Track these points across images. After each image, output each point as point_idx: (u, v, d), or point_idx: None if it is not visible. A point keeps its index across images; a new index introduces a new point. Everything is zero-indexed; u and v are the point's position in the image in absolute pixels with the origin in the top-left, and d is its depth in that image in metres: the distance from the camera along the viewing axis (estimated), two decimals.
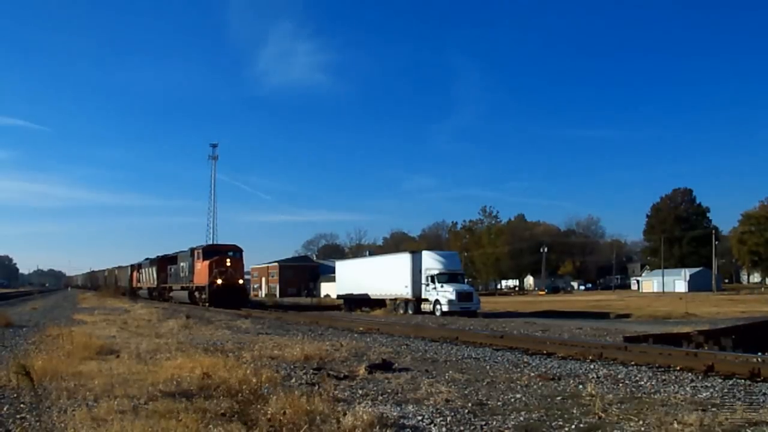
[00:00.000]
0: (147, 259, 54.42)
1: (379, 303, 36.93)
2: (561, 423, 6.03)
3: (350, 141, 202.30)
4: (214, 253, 37.29)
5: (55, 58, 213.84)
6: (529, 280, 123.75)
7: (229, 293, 34.39)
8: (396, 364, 10.14)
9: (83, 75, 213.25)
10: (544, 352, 12.24)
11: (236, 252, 38.38)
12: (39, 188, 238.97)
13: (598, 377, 8.95)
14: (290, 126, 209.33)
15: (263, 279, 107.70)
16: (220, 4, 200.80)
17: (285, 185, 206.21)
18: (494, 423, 6.09)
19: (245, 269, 42.55)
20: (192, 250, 39.93)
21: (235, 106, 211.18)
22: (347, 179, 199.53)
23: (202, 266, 36.74)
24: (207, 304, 34.58)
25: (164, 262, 47.26)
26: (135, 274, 57.93)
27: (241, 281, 37.03)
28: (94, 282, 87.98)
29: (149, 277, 51.06)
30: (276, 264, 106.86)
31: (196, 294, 38.35)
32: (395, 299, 35.43)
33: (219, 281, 34.89)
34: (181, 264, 42.13)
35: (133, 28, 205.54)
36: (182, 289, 41.30)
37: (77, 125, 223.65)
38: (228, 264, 35.69)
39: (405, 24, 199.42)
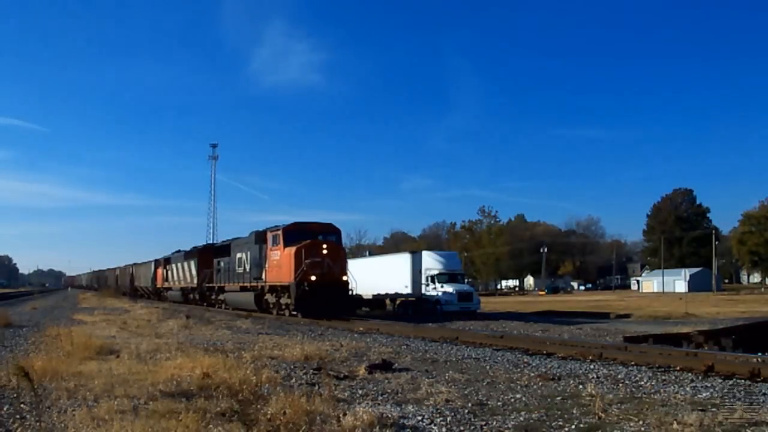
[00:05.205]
0: (179, 251, 44.55)
1: (380, 303, 36.93)
2: (561, 423, 6.03)
3: (348, 141, 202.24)
4: (300, 235, 25.34)
5: (50, 58, 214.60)
6: (529, 280, 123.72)
7: (327, 296, 23.76)
8: (396, 364, 10.14)
9: (79, 75, 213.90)
10: (544, 352, 12.24)
11: (332, 233, 26.63)
12: (38, 188, 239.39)
13: (598, 377, 8.95)
14: (287, 126, 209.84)
15: None
16: (213, 4, 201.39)
17: (283, 185, 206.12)
18: (494, 423, 6.10)
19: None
20: (261, 233, 27.97)
21: (230, 106, 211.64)
22: (346, 179, 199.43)
23: (283, 255, 25.27)
24: (292, 312, 24.60)
25: (208, 254, 36.66)
26: (161, 271, 47.53)
27: (345, 278, 25.05)
28: (102, 282, 79.66)
29: (184, 274, 40.52)
30: None
31: (270, 297, 26.81)
32: (395, 299, 35.45)
33: (312, 277, 23.89)
34: (238, 255, 30.69)
35: (127, 30, 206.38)
36: (242, 289, 29.58)
37: (74, 126, 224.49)
38: (325, 252, 24.46)
39: (400, 24, 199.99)
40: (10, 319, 20.71)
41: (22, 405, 6.89)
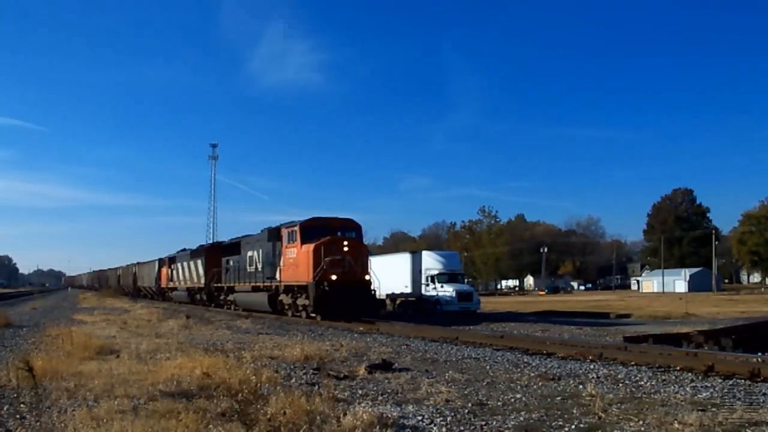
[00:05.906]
0: (185, 249, 43.28)
1: (380, 303, 36.90)
2: (561, 423, 6.03)
3: (347, 140, 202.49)
4: (318, 231, 23.71)
5: (50, 58, 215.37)
6: (529, 280, 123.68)
7: (349, 296, 22.09)
8: (396, 364, 10.14)
9: (78, 75, 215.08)
10: (544, 352, 12.25)
11: (352, 229, 25.18)
12: (37, 188, 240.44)
13: (598, 377, 8.95)
14: (287, 126, 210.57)
15: None
16: (213, 4, 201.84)
17: (283, 185, 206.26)
18: (494, 423, 6.10)
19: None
20: (274, 229, 26.25)
21: (230, 106, 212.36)
22: (345, 178, 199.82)
23: (300, 253, 23.66)
24: (311, 314, 22.97)
25: (216, 253, 35.29)
26: (165, 270, 45.97)
27: (367, 277, 23.52)
28: (103, 282, 78.83)
29: (191, 273, 39.13)
30: None
31: (285, 298, 25.12)
32: (395, 299, 35.46)
33: (333, 277, 22.28)
34: (249, 253, 29.14)
35: (126, 29, 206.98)
36: (254, 290, 27.91)
37: (74, 125, 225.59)
38: (346, 249, 22.87)
39: (399, 23, 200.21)
40: (10, 319, 20.73)
41: (22, 405, 6.89)
